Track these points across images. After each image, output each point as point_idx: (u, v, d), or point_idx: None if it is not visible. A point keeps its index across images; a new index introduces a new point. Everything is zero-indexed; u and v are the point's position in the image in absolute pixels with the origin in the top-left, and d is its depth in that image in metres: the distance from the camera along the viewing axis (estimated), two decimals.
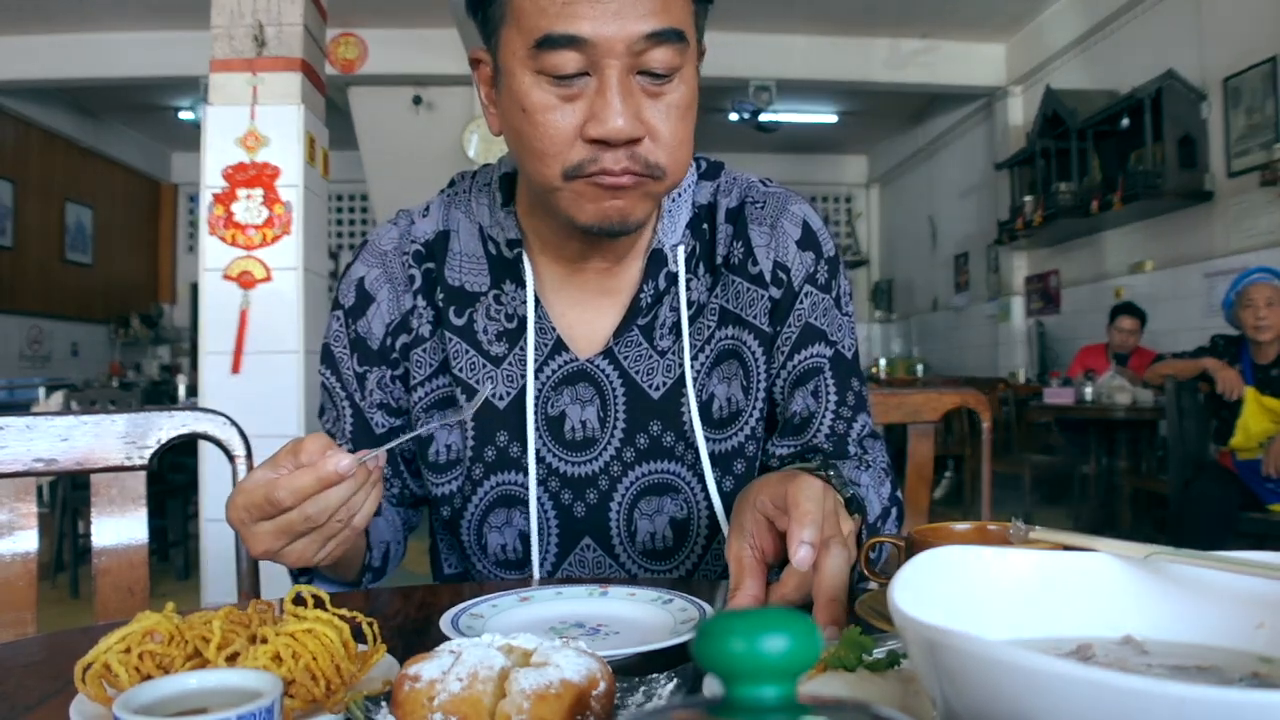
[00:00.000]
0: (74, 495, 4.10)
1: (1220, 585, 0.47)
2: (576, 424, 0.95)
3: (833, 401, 0.98)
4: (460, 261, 0.97)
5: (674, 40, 0.78)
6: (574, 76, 0.78)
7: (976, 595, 0.48)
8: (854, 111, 8.57)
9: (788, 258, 0.97)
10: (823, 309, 0.98)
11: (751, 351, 0.96)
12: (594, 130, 0.77)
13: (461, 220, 0.99)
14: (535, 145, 0.80)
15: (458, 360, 0.95)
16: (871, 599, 0.69)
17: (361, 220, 9.97)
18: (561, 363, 0.95)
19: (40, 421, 1.02)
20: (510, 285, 0.96)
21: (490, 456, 0.95)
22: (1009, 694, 0.32)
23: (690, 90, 0.83)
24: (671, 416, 0.95)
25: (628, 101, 0.77)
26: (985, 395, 1.44)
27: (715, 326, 0.96)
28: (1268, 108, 4.59)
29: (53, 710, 0.54)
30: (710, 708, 0.29)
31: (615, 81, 0.77)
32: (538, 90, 0.79)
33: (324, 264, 3.69)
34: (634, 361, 0.95)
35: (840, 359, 0.99)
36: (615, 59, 0.77)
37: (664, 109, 0.80)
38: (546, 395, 0.95)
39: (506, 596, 0.77)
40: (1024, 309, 7.26)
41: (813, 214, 1.01)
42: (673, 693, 0.52)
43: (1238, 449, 3.48)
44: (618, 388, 0.95)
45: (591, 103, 0.78)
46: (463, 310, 0.96)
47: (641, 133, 0.79)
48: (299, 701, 0.49)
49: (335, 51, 6.38)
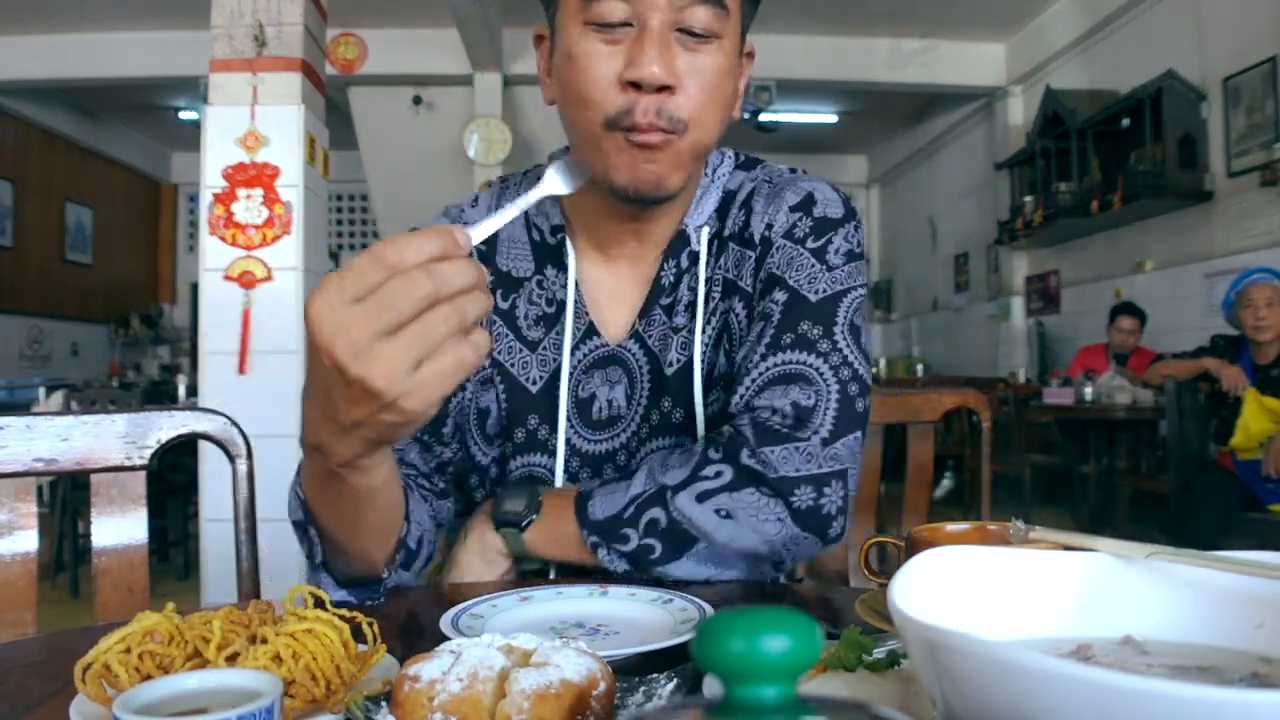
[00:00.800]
0: (74, 495, 4.10)
1: (1220, 585, 0.47)
2: (604, 403, 0.97)
3: (762, 345, 0.91)
4: (508, 247, 1.01)
5: (714, 4, 0.85)
6: (618, 25, 0.84)
7: (976, 595, 0.48)
8: (854, 111, 8.57)
9: (777, 218, 0.96)
10: (789, 258, 0.93)
11: (737, 316, 0.96)
12: (630, 73, 0.83)
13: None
14: (579, 91, 0.85)
15: (498, 343, 0.98)
16: (871, 599, 0.69)
17: (362, 220, 9.97)
18: (593, 346, 0.98)
19: (40, 421, 1.02)
20: (551, 270, 0.99)
21: (520, 438, 0.98)
22: (1009, 694, 0.32)
23: (726, 61, 0.88)
24: (681, 392, 0.96)
25: (664, 51, 0.83)
26: (985, 395, 1.44)
27: (719, 299, 0.97)
28: (1268, 108, 4.59)
29: (53, 710, 0.54)
30: (710, 708, 0.29)
31: (655, 31, 0.83)
32: (585, 40, 0.85)
33: (324, 264, 3.69)
34: (656, 341, 0.97)
35: (797, 302, 0.91)
36: (657, 12, 0.83)
37: (697, 68, 0.85)
38: (578, 379, 0.98)
39: (506, 596, 0.77)
40: (1024, 309, 7.26)
41: (828, 191, 0.98)
42: (673, 693, 0.52)
43: (1238, 449, 3.48)
44: (643, 367, 0.97)
45: (630, 49, 0.84)
46: (508, 295, 1.00)
47: (672, 81, 0.83)
48: (299, 701, 0.49)
49: (335, 51, 6.38)
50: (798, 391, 0.87)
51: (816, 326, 0.90)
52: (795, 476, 0.84)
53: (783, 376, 0.88)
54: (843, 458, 0.86)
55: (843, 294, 0.92)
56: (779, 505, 0.84)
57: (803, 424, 0.86)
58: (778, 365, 0.89)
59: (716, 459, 0.85)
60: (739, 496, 0.83)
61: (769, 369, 0.89)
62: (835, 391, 0.88)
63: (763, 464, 0.84)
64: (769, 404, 0.87)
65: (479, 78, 6.87)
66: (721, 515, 0.83)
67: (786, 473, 0.84)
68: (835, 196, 0.98)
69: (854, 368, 0.90)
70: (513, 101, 7.18)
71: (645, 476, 0.87)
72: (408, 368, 0.55)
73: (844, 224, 0.96)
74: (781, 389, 0.87)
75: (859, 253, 0.96)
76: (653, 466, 0.88)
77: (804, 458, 0.84)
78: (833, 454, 0.85)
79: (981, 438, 1.42)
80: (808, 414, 0.86)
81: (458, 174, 7.09)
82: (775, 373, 0.89)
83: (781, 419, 0.86)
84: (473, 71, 6.79)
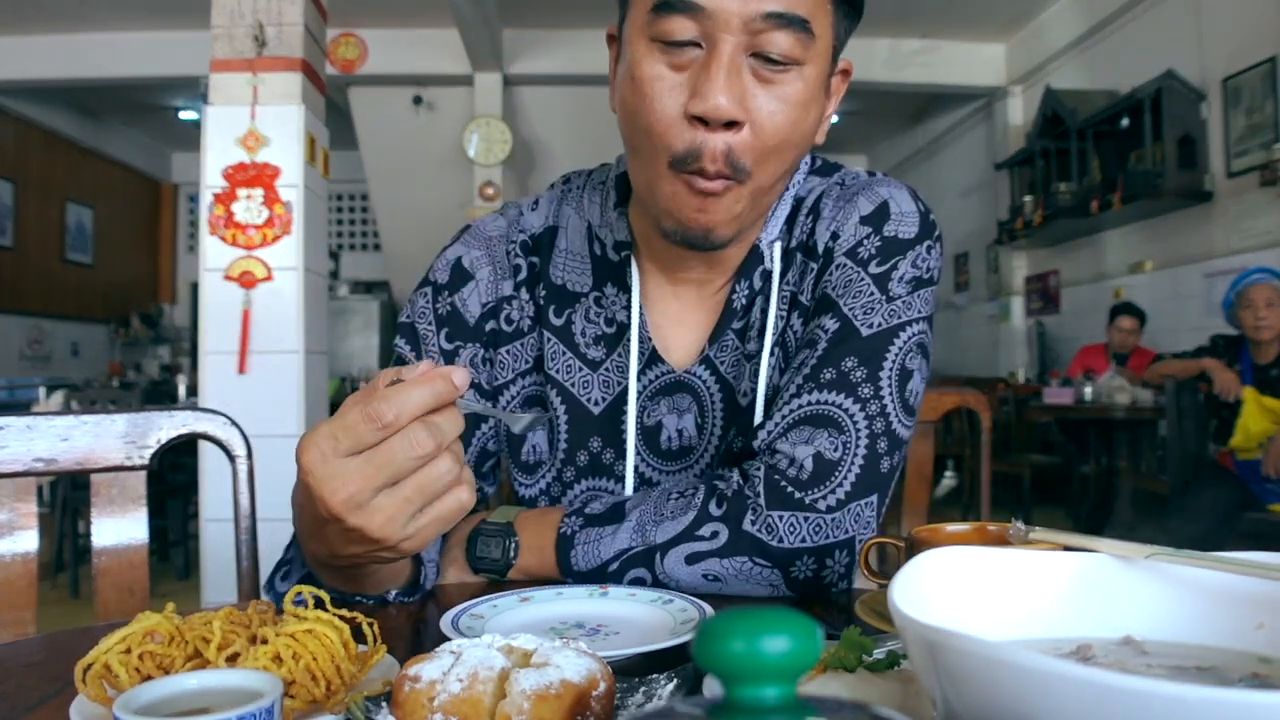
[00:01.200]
0: (74, 495, 4.11)
1: (1220, 585, 0.47)
2: (673, 433, 0.92)
3: (800, 376, 0.84)
4: (565, 259, 0.94)
5: (797, 28, 0.74)
6: (685, 45, 0.75)
7: (976, 595, 0.48)
8: (854, 111, 8.57)
9: (845, 229, 0.88)
10: (847, 280, 0.86)
11: (795, 333, 0.89)
12: (695, 106, 0.74)
13: (571, 217, 0.96)
14: (643, 122, 0.77)
15: (554, 361, 0.93)
16: (871, 599, 0.69)
17: (362, 220, 9.98)
18: (658, 373, 0.91)
19: (40, 421, 1.02)
20: (612, 289, 0.92)
21: (583, 461, 0.92)
22: (1009, 694, 0.32)
23: (808, 91, 0.77)
24: (750, 419, 0.89)
25: (733, 80, 0.74)
26: (985, 395, 1.44)
27: (786, 317, 0.90)
28: (1267, 108, 4.59)
29: (53, 710, 0.54)
30: (710, 708, 0.29)
31: (725, 57, 0.74)
32: (649, 59, 0.76)
33: (324, 264, 3.69)
34: (729, 368, 0.91)
35: (848, 335, 0.84)
36: (730, 34, 0.74)
37: (773, 100, 0.76)
38: (643, 405, 0.92)
39: (507, 597, 0.77)
40: (1024, 309, 7.26)
41: (906, 199, 0.89)
42: (673, 693, 0.52)
43: (1238, 449, 3.48)
44: (715, 394, 0.91)
45: (696, 76, 0.75)
46: (562, 310, 0.93)
47: (742, 117, 0.74)
48: (299, 702, 0.49)
49: (335, 51, 6.38)
50: (824, 440, 0.80)
51: (862, 367, 0.82)
52: (798, 548, 0.78)
53: (812, 418, 0.81)
54: (852, 528, 0.79)
55: (900, 329, 0.84)
56: (775, 575, 0.79)
57: (818, 481, 0.79)
58: (811, 405, 0.82)
59: (716, 515, 0.79)
60: (732, 563, 0.78)
61: (801, 407, 0.82)
62: (863, 446, 0.80)
63: (767, 530, 0.78)
64: (789, 452, 0.80)
65: (479, 78, 6.87)
66: (709, 579, 0.79)
67: (791, 544, 0.78)
68: (913, 209, 0.88)
69: (889, 420, 0.82)
70: (513, 101, 7.18)
71: (634, 529, 0.80)
72: (407, 518, 0.56)
73: (916, 245, 0.87)
74: (809, 432, 0.81)
75: (928, 278, 0.88)
76: (645, 515, 0.81)
77: (812, 528, 0.78)
78: (839, 522, 0.79)
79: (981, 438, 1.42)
80: (827, 470, 0.79)
81: (458, 174, 7.09)
82: (806, 412, 0.82)
83: (797, 472, 0.79)
84: (473, 71, 6.80)
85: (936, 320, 4.08)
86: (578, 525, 0.82)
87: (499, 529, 0.85)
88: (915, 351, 0.85)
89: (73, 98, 8.16)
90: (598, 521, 0.82)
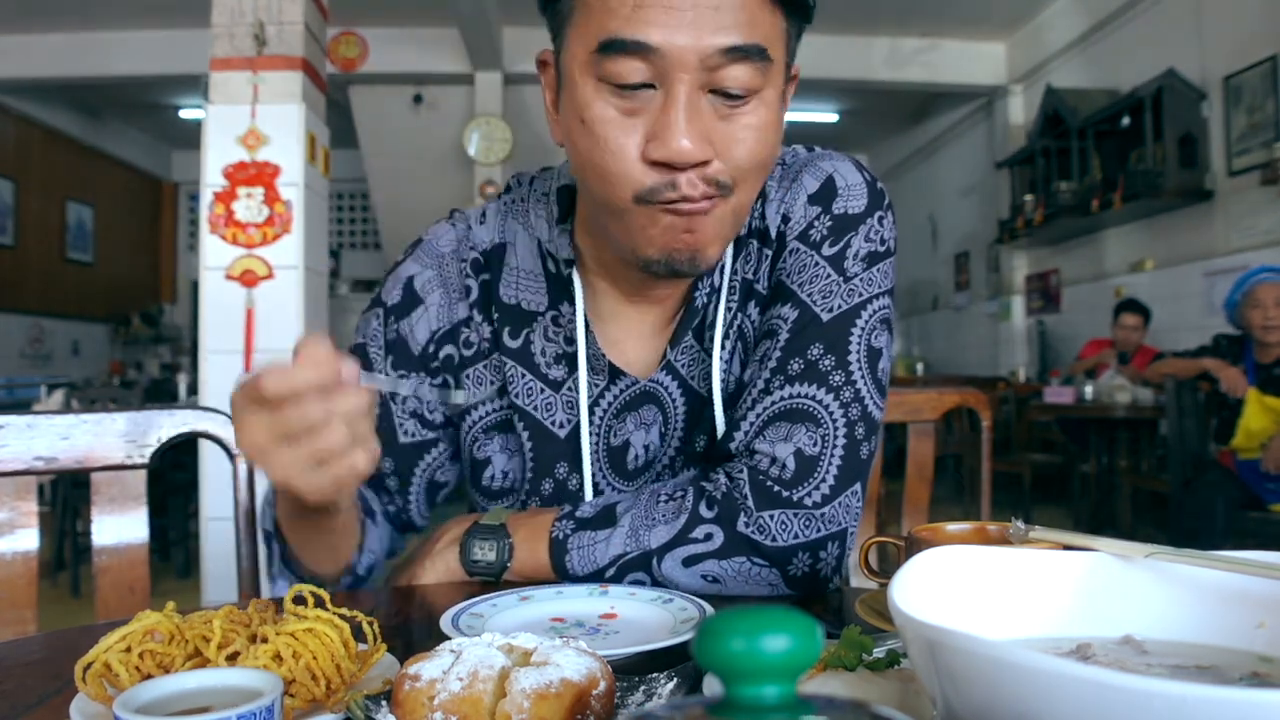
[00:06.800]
0: (74, 494, 4.11)
1: (1220, 585, 0.47)
2: (639, 450, 0.89)
3: (768, 370, 0.83)
4: (517, 278, 0.91)
5: (755, 58, 0.70)
6: (637, 88, 0.70)
7: (976, 595, 0.48)
8: (854, 110, 8.57)
9: (794, 211, 0.85)
10: (801, 264, 0.84)
11: (752, 322, 0.87)
12: (655, 152, 0.70)
13: (519, 233, 0.92)
14: (600, 164, 0.73)
15: (514, 385, 0.89)
16: (871, 599, 0.69)
17: (363, 219, 9.97)
18: (622, 387, 0.88)
19: (41, 420, 1.02)
20: (568, 307, 0.88)
21: (548, 489, 0.90)
22: (1009, 694, 0.32)
23: (771, 114, 0.74)
24: (707, 417, 0.88)
25: (694, 121, 0.69)
26: (985, 394, 1.44)
27: (737, 307, 0.88)
28: (1268, 107, 4.59)
29: (53, 710, 0.54)
30: (710, 707, 0.29)
31: (682, 98, 0.69)
32: (598, 101, 0.71)
33: (324, 262, 3.69)
34: (689, 367, 0.88)
35: (808, 322, 0.83)
36: (685, 73, 0.69)
37: (738, 129, 0.72)
38: (609, 424, 0.89)
39: (507, 595, 0.77)
40: (1024, 308, 7.26)
41: (851, 170, 0.87)
42: (673, 692, 0.52)
43: (1238, 449, 3.47)
44: (678, 400, 0.89)
45: (654, 120, 0.70)
46: (518, 331, 0.90)
47: (709, 155, 0.71)
48: (299, 701, 0.49)
49: (336, 50, 6.38)
50: (803, 435, 0.80)
51: (829, 355, 0.82)
52: (793, 545, 0.78)
53: (788, 413, 0.81)
54: (843, 519, 0.81)
55: (860, 308, 0.83)
56: (773, 574, 0.79)
57: (803, 478, 0.79)
58: (784, 400, 0.81)
59: (709, 518, 0.79)
60: (730, 564, 0.79)
61: (774, 404, 0.81)
62: (842, 436, 0.81)
63: (760, 530, 0.78)
64: (769, 451, 0.80)
65: (479, 77, 6.87)
66: (709, 580, 0.79)
67: (784, 541, 0.78)
68: (859, 180, 0.87)
69: (864, 405, 0.82)
70: (513, 100, 7.18)
71: (627, 534, 0.80)
72: (300, 471, 0.61)
73: (867, 218, 0.85)
74: (786, 429, 0.80)
75: (884, 250, 0.86)
76: (636, 519, 0.80)
77: (802, 523, 0.79)
78: (830, 516, 0.80)
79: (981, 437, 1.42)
80: (809, 466, 0.79)
81: (458, 173, 7.09)
82: (780, 408, 0.81)
83: (780, 471, 0.79)
84: (473, 70, 6.80)
85: (936, 319, 4.03)
86: (570, 529, 0.82)
87: (492, 531, 0.84)
88: (879, 328, 0.85)
89: (73, 96, 8.15)
90: (590, 525, 0.82)
